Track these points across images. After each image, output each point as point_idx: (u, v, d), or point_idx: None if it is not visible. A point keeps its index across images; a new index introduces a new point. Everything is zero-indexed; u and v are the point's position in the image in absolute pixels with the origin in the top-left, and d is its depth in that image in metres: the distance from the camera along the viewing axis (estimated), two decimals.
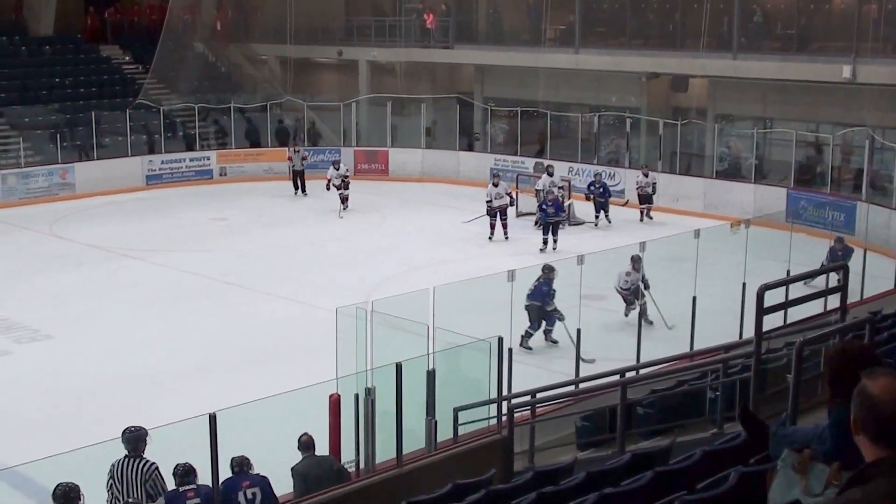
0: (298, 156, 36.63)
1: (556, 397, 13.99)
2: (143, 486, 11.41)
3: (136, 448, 11.55)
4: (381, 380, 12.85)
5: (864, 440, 3.65)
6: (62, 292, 24.67)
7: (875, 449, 3.61)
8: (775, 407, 9.51)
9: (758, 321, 9.57)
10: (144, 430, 11.62)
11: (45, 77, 41.27)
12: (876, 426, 3.60)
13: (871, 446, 3.63)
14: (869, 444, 3.64)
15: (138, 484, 11.41)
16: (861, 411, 3.66)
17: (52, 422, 16.71)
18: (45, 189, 35.41)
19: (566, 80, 39.00)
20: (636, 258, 20.58)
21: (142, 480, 11.41)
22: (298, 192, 36.33)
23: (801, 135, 32.98)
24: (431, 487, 9.91)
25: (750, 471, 6.65)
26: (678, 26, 37.92)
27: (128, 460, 11.49)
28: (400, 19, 43.21)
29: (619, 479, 8.10)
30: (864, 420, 3.64)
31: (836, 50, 32.89)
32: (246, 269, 26.59)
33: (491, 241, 28.99)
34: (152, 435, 11.50)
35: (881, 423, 3.59)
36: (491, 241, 28.97)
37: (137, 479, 11.41)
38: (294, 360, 18.97)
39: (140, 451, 11.55)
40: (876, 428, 3.60)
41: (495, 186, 29.45)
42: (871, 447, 3.63)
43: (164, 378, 18.83)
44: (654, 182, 32.25)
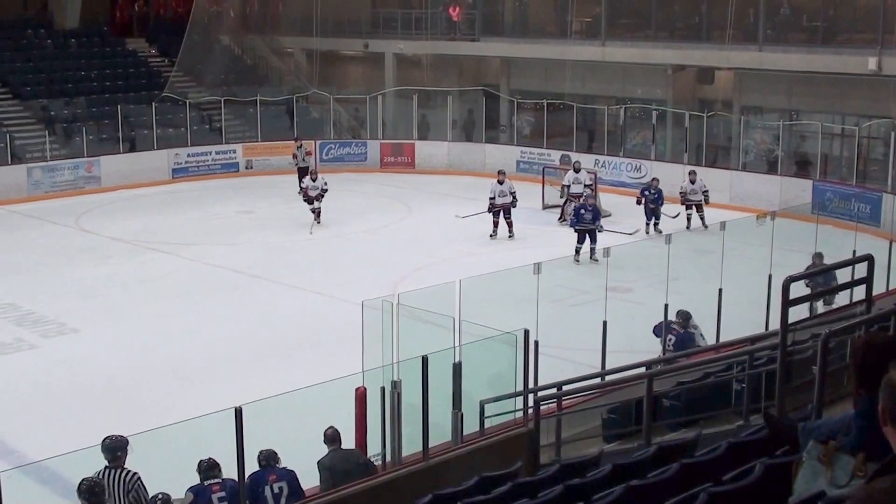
0: (302, 151, 36.01)
1: (582, 390, 13.98)
2: (126, 496, 11.16)
3: (117, 458, 11.25)
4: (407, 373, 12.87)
5: (892, 431, 3.67)
6: (89, 286, 24.79)
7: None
8: (801, 398, 9.50)
9: (783, 313, 9.56)
10: (125, 438, 11.35)
11: (71, 70, 41.45)
12: None
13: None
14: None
15: (121, 495, 11.15)
16: (889, 402, 3.67)
17: (79, 416, 16.79)
18: (71, 182, 35.55)
19: (592, 72, 39.00)
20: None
21: (125, 491, 11.16)
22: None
23: (827, 127, 32.89)
24: (458, 480, 9.93)
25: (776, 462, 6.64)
26: (704, 18, 37.83)
27: (108, 471, 11.19)
28: (426, 12, 43.21)
29: (645, 472, 8.10)
30: (892, 410, 3.65)
31: (861, 42, 32.84)
32: (272, 262, 26.66)
33: (493, 239, 28.72)
34: (180, 428, 11.50)
35: None
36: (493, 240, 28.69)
37: (120, 490, 11.15)
38: (320, 354, 19.02)
39: (121, 461, 11.26)
40: None
41: (500, 184, 29.13)
42: None
43: (191, 371, 18.91)
44: (705, 190, 30.33)
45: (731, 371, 13.55)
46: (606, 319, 17.56)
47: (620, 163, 35.77)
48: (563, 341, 18.77)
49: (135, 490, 11.24)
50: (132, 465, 11.47)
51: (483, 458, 11.74)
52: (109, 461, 11.24)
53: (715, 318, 18.37)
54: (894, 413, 3.64)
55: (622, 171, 35.52)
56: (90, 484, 10.61)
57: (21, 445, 15.75)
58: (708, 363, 14.25)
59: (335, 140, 40.47)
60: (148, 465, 11.98)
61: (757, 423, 10.02)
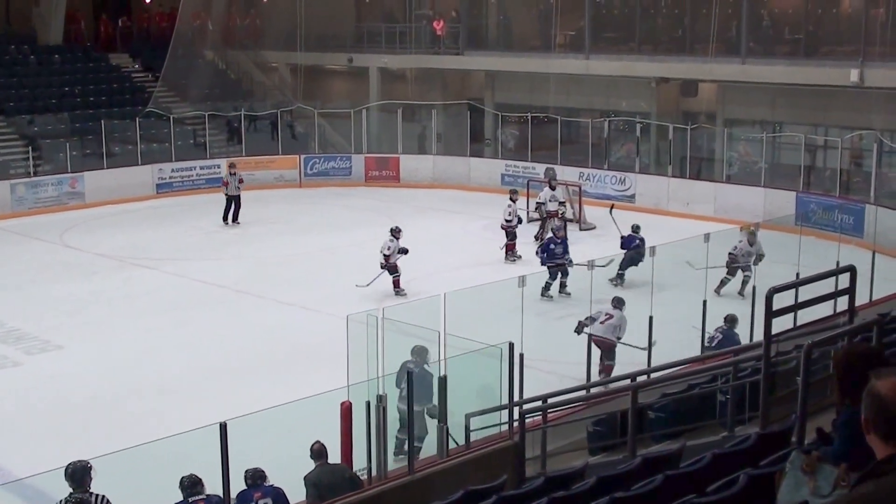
0: (235, 179, 33.49)
1: (568, 402, 14.01)
2: None
3: (83, 482, 10.92)
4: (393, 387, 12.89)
5: (875, 439, 3.71)
6: (73, 302, 24.70)
7: (885, 447, 3.67)
8: (785, 409, 9.53)
9: (767, 324, 9.60)
10: (88, 462, 11.02)
11: (55, 86, 41.33)
12: (886, 425, 3.67)
13: (881, 444, 3.70)
14: (880, 442, 3.70)
15: None
16: (871, 411, 3.72)
17: (63, 433, 16.74)
18: (54, 198, 35.44)
19: (576, 85, 39.09)
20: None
21: None
22: (229, 221, 33.13)
23: (810, 139, 33.04)
24: (444, 494, 9.94)
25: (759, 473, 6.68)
26: (687, 31, 37.95)
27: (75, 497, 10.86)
28: (410, 26, 43.30)
29: (630, 484, 8.12)
30: (875, 420, 3.69)
31: (843, 54, 32.96)
32: (258, 277, 26.64)
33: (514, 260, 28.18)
34: (165, 444, 11.47)
35: (890, 421, 3.64)
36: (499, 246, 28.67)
37: None
38: (305, 368, 19.01)
39: (87, 486, 10.94)
40: (886, 426, 3.66)
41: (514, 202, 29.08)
42: (882, 445, 3.69)
43: (176, 388, 18.87)
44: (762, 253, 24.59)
45: (716, 382, 13.58)
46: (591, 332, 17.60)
47: (605, 175, 35.84)
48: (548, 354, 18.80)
49: None
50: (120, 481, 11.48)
51: (469, 472, 11.75)
52: (75, 488, 10.93)
53: (699, 329, 18.42)
54: (877, 422, 3.68)
55: (607, 184, 35.59)
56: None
57: (5, 462, 15.69)
58: (692, 375, 14.29)
59: (320, 154, 40.45)
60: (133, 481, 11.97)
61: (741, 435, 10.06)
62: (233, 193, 33.08)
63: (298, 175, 39.52)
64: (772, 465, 6.75)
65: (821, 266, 14.52)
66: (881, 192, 29.95)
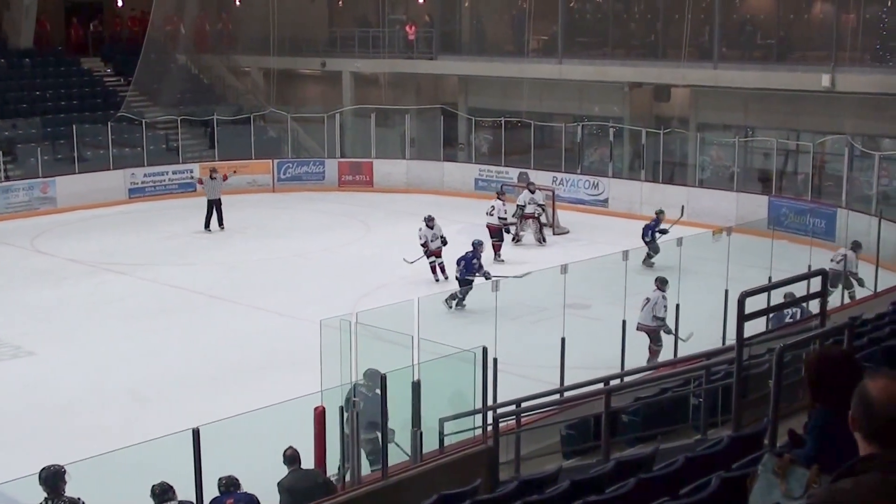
0: (216, 182, 33.08)
1: (541, 406, 14.00)
2: None
3: (57, 488, 10.90)
4: None
5: (860, 437, 3.75)
6: (44, 308, 24.59)
7: (868, 447, 3.71)
8: (757, 412, 9.56)
9: (739, 328, 9.63)
10: (62, 467, 10.99)
11: (26, 90, 41.13)
12: (870, 425, 3.70)
13: (865, 444, 3.74)
14: (863, 441, 3.74)
15: None
16: (858, 410, 3.75)
17: (35, 439, 16.65)
18: (26, 203, 35.28)
19: (549, 90, 39.16)
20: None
21: None
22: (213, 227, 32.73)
23: (782, 143, 33.20)
24: (417, 499, 9.91)
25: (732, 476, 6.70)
26: (660, 36, 38.11)
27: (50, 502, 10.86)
28: (383, 30, 43.28)
29: (603, 487, 8.13)
30: (860, 419, 3.73)
31: (815, 59, 33.19)
32: (230, 282, 26.58)
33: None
34: (137, 450, 11.42)
35: (875, 422, 3.68)
36: None
37: None
38: (279, 373, 18.98)
39: (61, 491, 10.92)
40: (869, 427, 3.70)
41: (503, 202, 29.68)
42: (865, 444, 3.74)
43: (148, 393, 18.81)
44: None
45: (689, 386, 13.61)
46: (565, 336, 17.63)
47: (578, 180, 35.91)
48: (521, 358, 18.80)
49: None
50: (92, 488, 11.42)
51: (442, 476, 11.73)
52: (50, 493, 10.89)
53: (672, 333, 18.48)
54: (863, 421, 3.72)
55: (580, 188, 35.67)
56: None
57: None
58: (665, 378, 14.31)
59: (293, 159, 40.41)
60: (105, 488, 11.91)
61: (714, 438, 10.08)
62: (214, 197, 32.86)
63: (272, 180, 39.46)
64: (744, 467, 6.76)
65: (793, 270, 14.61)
66: (852, 196, 30.11)
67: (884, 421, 3.68)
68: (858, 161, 31.53)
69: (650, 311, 19.34)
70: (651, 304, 19.33)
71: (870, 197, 29.71)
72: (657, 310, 19.34)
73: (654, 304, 19.35)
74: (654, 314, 19.33)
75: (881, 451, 3.66)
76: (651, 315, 19.36)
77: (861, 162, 31.55)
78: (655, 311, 19.33)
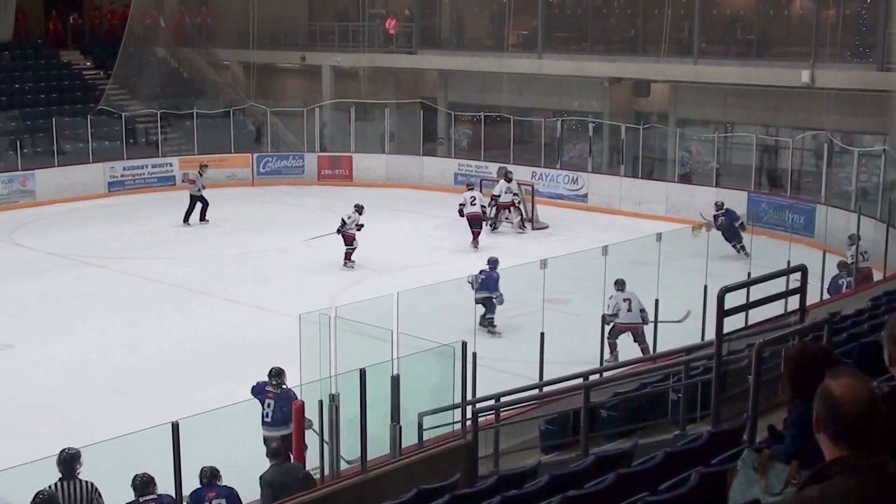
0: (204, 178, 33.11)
1: (521, 401, 14.02)
2: None
3: (72, 469, 11.27)
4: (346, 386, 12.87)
5: (825, 439, 3.69)
6: (23, 301, 24.49)
7: (835, 448, 3.65)
8: (736, 408, 9.58)
9: (718, 323, 9.66)
10: (78, 450, 11.36)
11: (5, 83, 40.89)
12: (836, 426, 3.64)
13: (831, 445, 3.67)
14: (829, 443, 3.67)
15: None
16: (823, 411, 3.69)
17: (13, 433, 16.58)
18: (5, 196, 35.14)
19: (529, 84, 39.18)
20: None
21: (87, 501, 11.17)
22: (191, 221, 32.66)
23: (762, 139, 33.28)
24: (396, 493, 9.92)
25: (711, 471, 6.71)
26: (640, 32, 38.13)
27: (64, 483, 11.19)
28: (363, 24, 43.23)
29: (582, 482, 8.13)
30: (826, 420, 3.67)
31: (795, 55, 33.28)
32: (210, 276, 26.52)
33: None
34: (116, 444, 11.41)
35: (842, 423, 3.63)
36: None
37: (82, 501, 11.15)
38: (258, 367, 18.82)
39: (75, 473, 11.27)
40: (836, 428, 3.64)
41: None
42: (831, 446, 3.67)
43: (128, 387, 18.75)
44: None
45: (668, 381, 13.65)
46: (544, 331, 17.64)
47: (557, 175, 35.93)
48: (501, 353, 18.85)
49: (95, 499, 11.25)
50: None
51: (422, 471, 11.74)
52: (65, 473, 11.21)
53: (651, 328, 18.51)
54: (828, 422, 3.67)
55: (559, 184, 35.69)
56: (45, 498, 10.55)
57: None
58: (644, 374, 14.35)
59: (272, 153, 40.35)
60: None
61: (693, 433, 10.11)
62: (197, 193, 32.78)
63: (251, 173, 39.39)
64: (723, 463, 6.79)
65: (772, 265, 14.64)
66: (831, 192, 30.19)
67: (851, 421, 3.63)
68: (838, 157, 31.65)
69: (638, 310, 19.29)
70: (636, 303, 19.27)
71: (849, 193, 29.79)
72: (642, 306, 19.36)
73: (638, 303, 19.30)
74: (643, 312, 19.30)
75: (849, 454, 3.61)
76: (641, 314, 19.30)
77: (840, 158, 31.66)
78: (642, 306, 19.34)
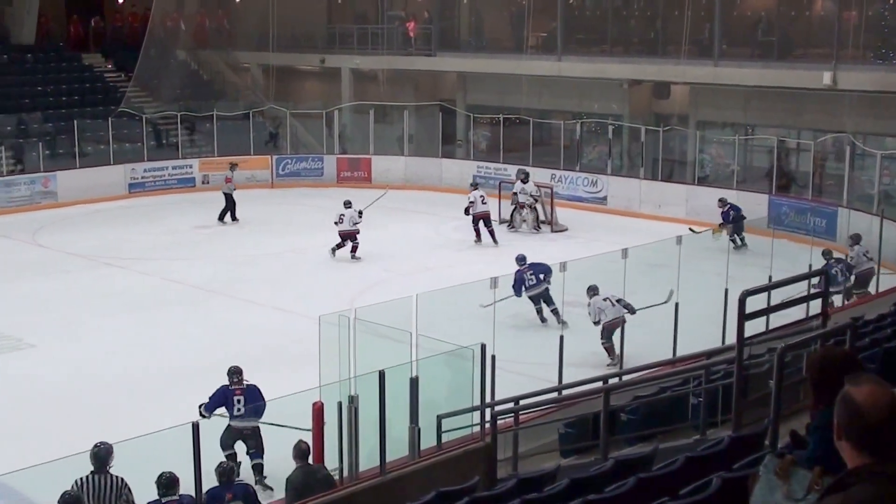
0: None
1: (540, 404, 14.00)
2: (117, 500, 11.31)
3: (105, 463, 11.49)
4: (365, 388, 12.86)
5: (847, 446, 3.64)
6: (45, 301, 24.58)
7: (858, 456, 3.60)
8: (757, 412, 9.54)
9: (740, 327, 9.61)
10: (111, 445, 11.57)
11: (28, 86, 41.20)
12: (860, 434, 3.59)
13: (853, 453, 3.62)
14: (851, 450, 3.63)
15: (112, 499, 11.31)
16: (845, 418, 3.64)
17: (35, 431, 16.65)
18: (27, 197, 35.32)
19: (548, 87, 39.10)
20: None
21: (116, 495, 11.31)
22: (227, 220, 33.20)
23: (783, 141, 33.13)
24: (415, 495, 9.90)
25: (732, 476, 6.68)
26: (659, 33, 38.04)
27: (95, 476, 11.40)
28: (382, 27, 43.28)
29: (602, 486, 8.10)
30: (848, 427, 3.62)
31: (816, 56, 33.09)
32: (229, 277, 26.56)
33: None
34: (137, 443, 11.45)
35: (865, 430, 3.57)
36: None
37: (112, 495, 11.30)
38: (277, 369, 18.94)
39: (108, 467, 11.49)
40: (860, 435, 3.59)
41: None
42: (854, 454, 3.62)
43: (148, 387, 18.79)
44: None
45: (688, 385, 13.59)
46: (563, 334, 17.61)
47: (577, 177, 35.86)
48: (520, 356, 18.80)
49: (125, 495, 11.42)
50: None
51: (440, 473, 11.72)
52: (97, 467, 11.44)
53: (671, 332, 18.45)
54: (850, 429, 3.63)
55: (578, 186, 35.63)
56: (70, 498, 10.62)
57: None
58: (665, 377, 14.30)
59: (292, 155, 40.40)
60: None
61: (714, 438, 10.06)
62: (230, 192, 33.23)
63: (270, 175, 39.44)
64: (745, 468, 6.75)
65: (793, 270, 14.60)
66: (853, 195, 30.04)
67: (874, 428, 3.58)
68: (860, 160, 31.47)
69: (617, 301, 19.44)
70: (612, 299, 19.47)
71: (871, 196, 29.66)
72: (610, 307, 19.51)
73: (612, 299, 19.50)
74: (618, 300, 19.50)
75: (872, 462, 3.56)
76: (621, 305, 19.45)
77: (862, 160, 31.49)
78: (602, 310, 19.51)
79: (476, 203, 29.76)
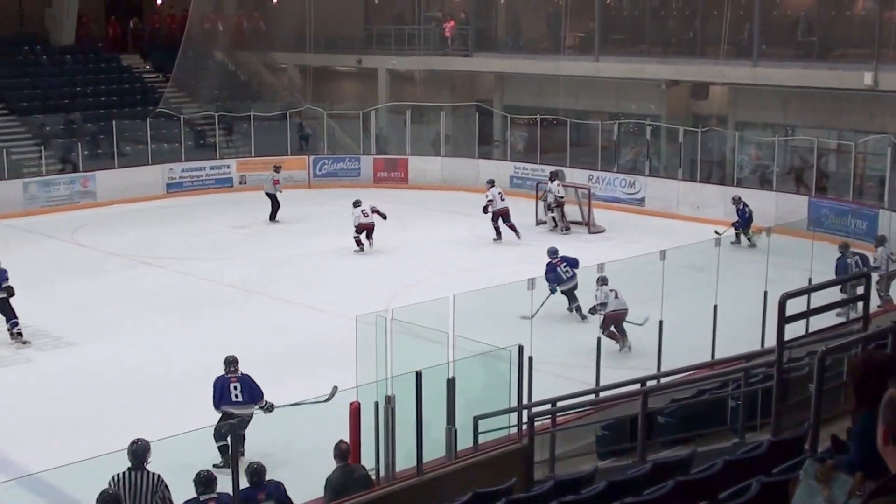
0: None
1: (577, 406, 13.97)
2: (153, 497, 11.40)
3: (143, 460, 11.58)
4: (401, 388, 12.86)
5: (893, 450, 3.60)
6: (84, 300, 24.74)
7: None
8: (796, 416, 9.48)
9: (780, 330, 9.55)
10: (148, 442, 11.67)
11: (67, 86, 41.50)
12: None
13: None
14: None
15: (149, 496, 11.40)
16: (891, 420, 3.60)
17: (75, 429, 16.75)
18: (66, 197, 35.58)
19: (586, 87, 39.03)
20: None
21: (152, 492, 11.40)
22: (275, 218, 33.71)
23: (823, 142, 32.88)
24: (452, 496, 9.90)
25: (772, 481, 6.63)
26: (698, 33, 37.85)
27: (133, 473, 11.50)
28: (419, 27, 43.31)
29: (640, 489, 8.08)
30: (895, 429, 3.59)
31: (857, 57, 32.85)
32: (266, 277, 26.63)
33: None
34: (174, 442, 11.49)
35: None
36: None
37: (148, 492, 11.40)
38: (314, 368, 18.98)
39: (145, 464, 11.58)
40: None
41: None
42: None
43: (185, 386, 18.83)
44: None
45: (727, 388, 13.52)
46: (601, 336, 17.56)
47: (614, 178, 35.76)
48: (557, 357, 18.77)
49: (161, 491, 11.48)
50: None
51: (477, 474, 11.72)
52: (135, 464, 11.53)
53: (710, 334, 18.35)
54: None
55: (616, 187, 35.53)
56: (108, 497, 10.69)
57: (18, 458, 15.73)
58: (703, 380, 14.23)
59: (329, 155, 40.48)
60: None
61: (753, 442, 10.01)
62: (276, 192, 33.54)
63: (307, 176, 39.53)
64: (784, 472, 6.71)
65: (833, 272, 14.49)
66: (895, 196, 29.77)
67: None
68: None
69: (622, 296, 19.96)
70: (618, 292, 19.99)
71: None
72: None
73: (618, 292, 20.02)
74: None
75: None
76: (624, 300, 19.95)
77: None
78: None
79: (495, 200, 29.94)
